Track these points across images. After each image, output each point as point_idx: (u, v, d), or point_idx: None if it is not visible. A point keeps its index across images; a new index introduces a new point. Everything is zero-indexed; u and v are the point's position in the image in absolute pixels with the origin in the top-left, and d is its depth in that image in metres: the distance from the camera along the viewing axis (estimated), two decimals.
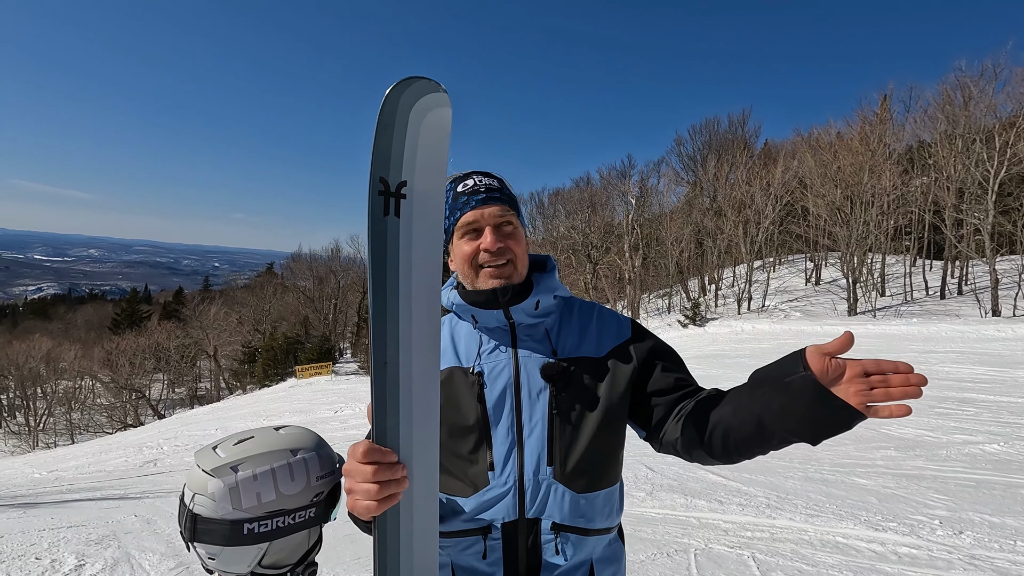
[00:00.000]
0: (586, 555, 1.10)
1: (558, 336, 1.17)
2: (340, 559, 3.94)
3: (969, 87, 24.65)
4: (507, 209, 1.14)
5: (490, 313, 1.14)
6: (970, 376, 10.53)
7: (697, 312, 27.94)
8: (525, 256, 1.17)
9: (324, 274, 51.70)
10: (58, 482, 9.90)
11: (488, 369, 1.13)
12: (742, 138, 41.89)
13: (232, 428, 14.33)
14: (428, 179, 0.88)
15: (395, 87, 0.83)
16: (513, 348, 1.15)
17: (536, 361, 1.13)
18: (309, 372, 31.55)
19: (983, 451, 6.03)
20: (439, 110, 0.86)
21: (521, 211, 1.21)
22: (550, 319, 1.18)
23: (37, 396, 38.66)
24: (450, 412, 1.13)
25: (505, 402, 1.11)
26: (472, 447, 1.11)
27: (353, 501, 0.87)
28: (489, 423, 1.10)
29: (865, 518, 4.28)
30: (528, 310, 1.14)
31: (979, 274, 25.69)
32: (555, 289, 1.17)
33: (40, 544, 4.73)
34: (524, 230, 1.19)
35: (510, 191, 1.19)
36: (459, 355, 1.18)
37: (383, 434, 0.88)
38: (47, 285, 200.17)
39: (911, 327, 19.04)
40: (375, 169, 0.84)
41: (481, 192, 1.13)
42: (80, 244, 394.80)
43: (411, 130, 0.85)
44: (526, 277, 1.17)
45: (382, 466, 0.85)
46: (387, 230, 0.86)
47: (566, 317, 1.20)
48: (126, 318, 55.78)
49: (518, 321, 1.15)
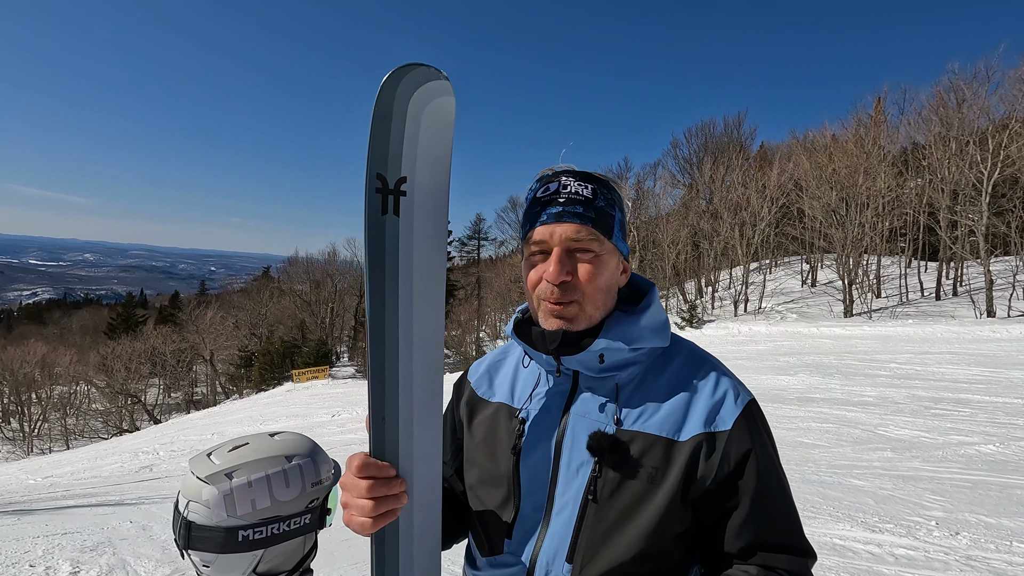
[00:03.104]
0: None
1: (631, 397, 0.90)
2: (337, 564, 3.92)
3: (962, 89, 24.83)
4: (590, 231, 0.87)
5: (540, 356, 0.93)
6: (965, 377, 10.57)
7: (694, 314, 27.99)
8: (604, 295, 0.89)
9: (321, 278, 51.63)
10: (53, 488, 9.84)
11: (533, 419, 0.94)
12: (738, 140, 42.07)
13: (228, 433, 14.27)
14: (430, 174, 0.81)
15: (392, 74, 0.75)
16: (569, 399, 0.93)
17: (588, 425, 0.89)
18: (306, 376, 31.50)
19: (979, 452, 6.05)
20: (441, 99, 0.78)
21: (618, 231, 0.91)
22: (627, 372, 0.91)
23: (32, 401, 38.43)
24: (485, 454, 0.98)
25: (540, 464, 0.91)
26: (499, 502, 0.94)
27: (348, 517, 0.81)
28: (520, 483, 0.92)
29: (862, 519, 4.29)
30: (588, 364, 0.89)
31: (974, 275, 25.83)
32: (637, 339, 0.89)
33: (34, 551, 4.69)
34: (620, 256, 0.93)
35: (608, 202, 0.90)
36: (514, 391, 1.01)
37: (381, 447, 0.83)
38: (42, 290, 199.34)
39: (906, 328, 19.11)
40: (372, 165, 0.77)
41: (559, 203, 0.87)
42: (75, 248, 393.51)
43: (411, 122, 0.78)
44: (611, 311, 0.92)
45: (379, 481, 0.80)
46: (386, 230, 0.79)
47: (654, 372, 0.92)
48: (122, 323, 55.51)
49: (579, 370, 0.92)
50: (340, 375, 34.23)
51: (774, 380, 12.02)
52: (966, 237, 24.46)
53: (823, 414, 8.47)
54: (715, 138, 43.04)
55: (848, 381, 11.07)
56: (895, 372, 11.74)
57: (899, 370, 11.95)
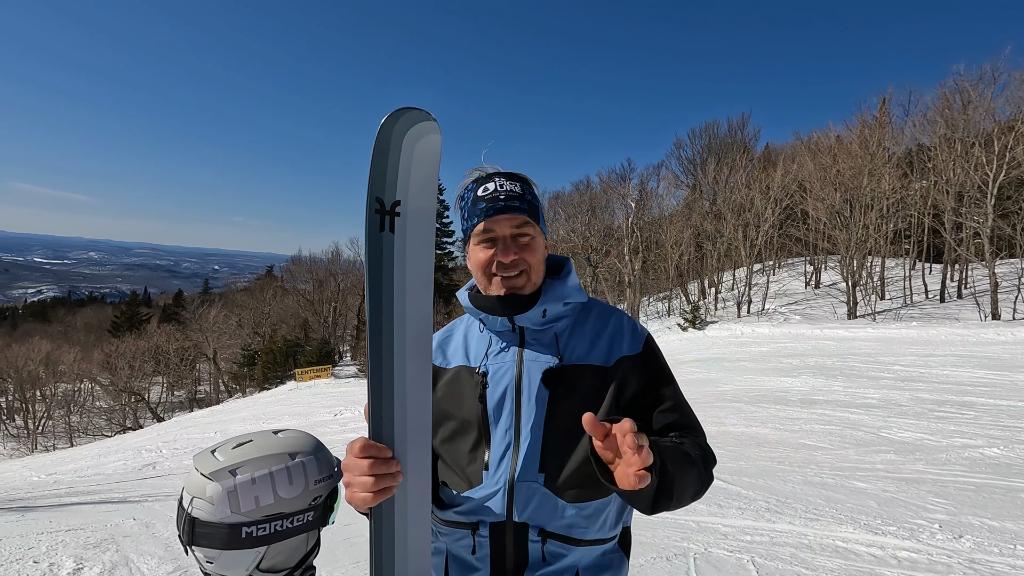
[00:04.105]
0: (573, 561, 1.09)
1: (567, 341, 1.16)
2: (339, 562, 3.93)
3: (968, 91, 24.70)
4: (525, 219, 1.13)
5: (495, 319, 1.16)
6: (970, 380, 10.52)
7: (697, 315, 27.92)
8: (540, 265, 1.17)
9: (324, 277, 51.71)
10: (56, 485, 9.88)
11: (493, 370, 1.15)
12: (741, 141, 41.97)
13: (231, 431, 14.31)
14: (420, 198, 0.95)
15: (390, 116, 0.90)
16: (519, 350, 1.16)
17: (540, 365, 1.13)
18: (308, 375, 31.52)
19: (983, 455, 6.03)
20: (430, 136, 0.94)
21: (542, 217, 1.20)
22: (561, 323, 1.18)
23: (36, 399, 38.59)
24: (454, 409, 1.16)
25: (505, 404, 1.12)
26: (472, 445, 1.13)
27: (351, 493, 0.93)
28: (489, 423, 1.12)
29: (865, 522, 4.27)
30: (534, 319, 1.15)
31: (978, 277, 25.71)
32: (567, 296, 1.17)
33: (38, 547, 4.71)
34: (543, 236, 1.19)
35: (532, 195, 1.17)
36: (469, 355, 1.21)
37: (379, 432, 0.94)
38: (47, 288, 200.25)
39: (911, 330, 19.04)
40: (372, 189, 0.92)
41: (500, 199, 1.12)
42: (80, 247, 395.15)
43: (404, 155, 0.92)
44: (540, 285, 1.17)
45: (378, 461, 0.91)
46: (383, 245, 0.94)
47: (580, 322, 1.19)
48: (125, 321, 55.74)
49: (526, 326, 1.16)
50: (343, 374, 34.26)
51: (777, 382, 11.99)
52: (971, 239, 24.35)
53: (826, 416, 8.45)
54: (719, 139, 42.98)
55: (851, 383, 11.03)
56: (899, 374, 11.70)
57: (903, 372, 11.91)
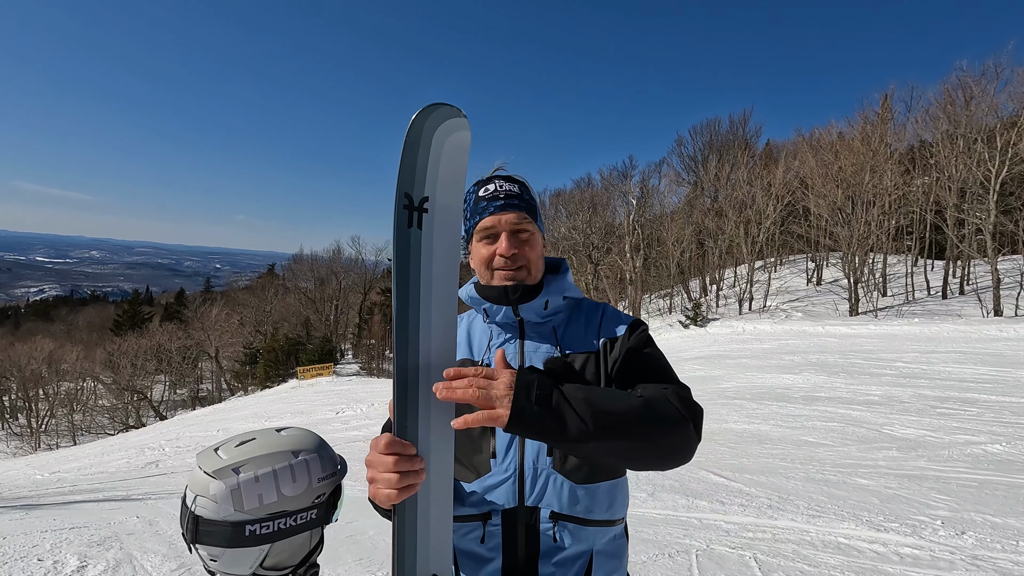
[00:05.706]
0: (586, 545, 1.11)
1: (564, 333, 1.21)
2: (342, 560, 3.94)
3: (970, 87, 24.66)
4: (524, 216, 1.19)
5: (499, 308, 1.20)
6: (972, 376, 10.51)
7: (698, 312, 27.91)
8: (539, 261, 1.23)
9: (325, 275, 51.79)
10: (60, 483, 9.92)
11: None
12: (743, 138, 41.85)
13: (234, 429, 14.35)
14: (448, 195, 0.95)
15: (421, 112, 0.90)
16: (520, 341, 1.20)
17: (541, 354, 1.18)
18: (310, 373, 31.59)
19: (985, 451, 6.02)
20: (460, 133, 0.93)
21: (539, 216, 1.27)
22: (558, 318, 1.24)
23: (39, 398, 38.69)
24: None
25: None
26: (478, 434, 1.15)
27: (375, 490, 0.93)
28: None
29: (867, 519, 4.27)
30: (537, 309, 1.20)
31: (981, 274, 25.67)
32: (565, 291, 1.23)
33: (42, 545, 4.73)
34: (541, 235, 1.26)
35: (530, 196, 1.24)
36: (472, 347, 1.25)
37: (403, 429, 0.93)
38: (49, 287, 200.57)
39: (913, 327, 19.01)
40: (401, 185, 0.91)
41: (500, 198, 1.19)
42: (82, 246, 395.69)
43: (434, 151, 0.92)
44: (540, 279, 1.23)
45: (402, 458, 0.91)
46: (410, 241, 0.93)
47: (575, 316, 1.25)
48: (128, 319, 55.80)
49: (527, 318, 1.21)
50: (344, 372, 34.35)
51: (779, 379, 11.99)
52: (973, 235, 24.30)
53: (828, 413, 8.45)
54: (720, 136, 42.86)
55: (853, 380, 11.03)
56: (901, 371, 11.69)
57: (905, 369, 11.90)
